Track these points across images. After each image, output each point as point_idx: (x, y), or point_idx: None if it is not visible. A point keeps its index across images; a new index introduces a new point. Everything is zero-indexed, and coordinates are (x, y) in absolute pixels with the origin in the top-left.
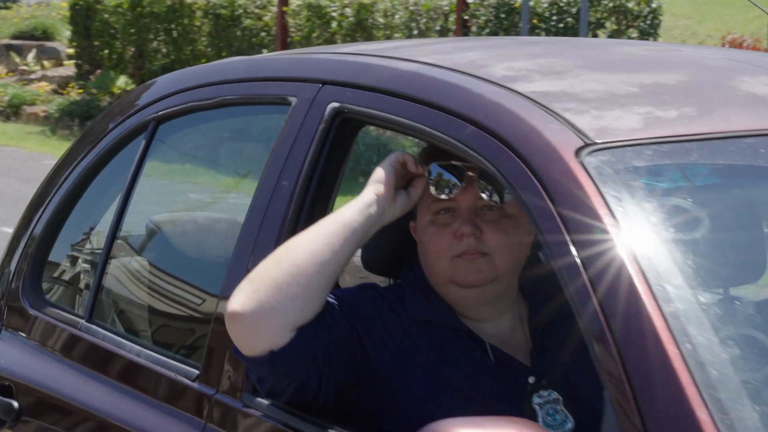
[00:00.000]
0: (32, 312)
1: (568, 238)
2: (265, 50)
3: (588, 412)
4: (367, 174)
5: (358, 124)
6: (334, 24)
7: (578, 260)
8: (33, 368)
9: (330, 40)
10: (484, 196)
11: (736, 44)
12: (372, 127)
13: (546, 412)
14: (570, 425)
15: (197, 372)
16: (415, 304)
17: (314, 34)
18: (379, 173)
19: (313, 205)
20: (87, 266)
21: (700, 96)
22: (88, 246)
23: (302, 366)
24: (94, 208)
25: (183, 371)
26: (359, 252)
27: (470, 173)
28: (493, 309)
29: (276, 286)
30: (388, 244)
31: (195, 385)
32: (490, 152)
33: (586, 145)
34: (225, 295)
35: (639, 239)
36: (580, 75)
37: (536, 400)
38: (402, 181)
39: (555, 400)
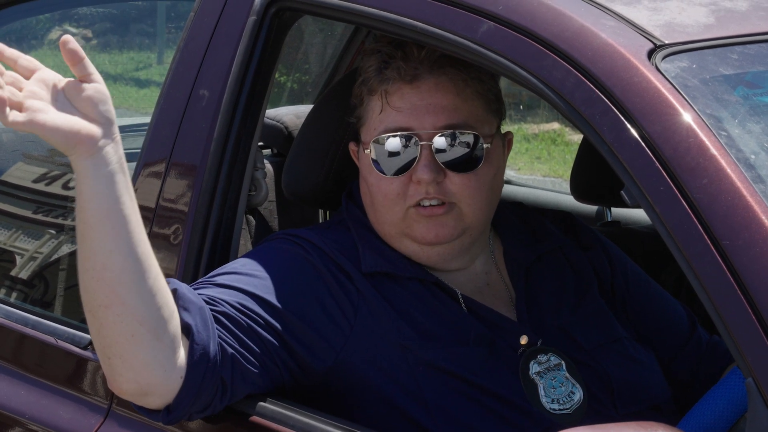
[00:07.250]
0: None
1: (663, 171)
2: None
3: (595, 377)
4: None
5: (296, 16)
6: None
7: (688, 206)
8: None
9: None
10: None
11: None
12: None
13: (548, 382)
14: (578, 395)
15: (89, 337)
16: (365, 252)
17: None
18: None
19: (243, 122)
20: None
21: None
22: None
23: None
24: None
25: (68, 336)
26: (270, 176)
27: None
28: (462, 260)
29: (110, 345)
30: (321, 166)
31: (88, 353)
32: (525, 57)
33: (657, 47)
34: None
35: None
36: None
37: (534, 368)
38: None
39: (556, 366)
